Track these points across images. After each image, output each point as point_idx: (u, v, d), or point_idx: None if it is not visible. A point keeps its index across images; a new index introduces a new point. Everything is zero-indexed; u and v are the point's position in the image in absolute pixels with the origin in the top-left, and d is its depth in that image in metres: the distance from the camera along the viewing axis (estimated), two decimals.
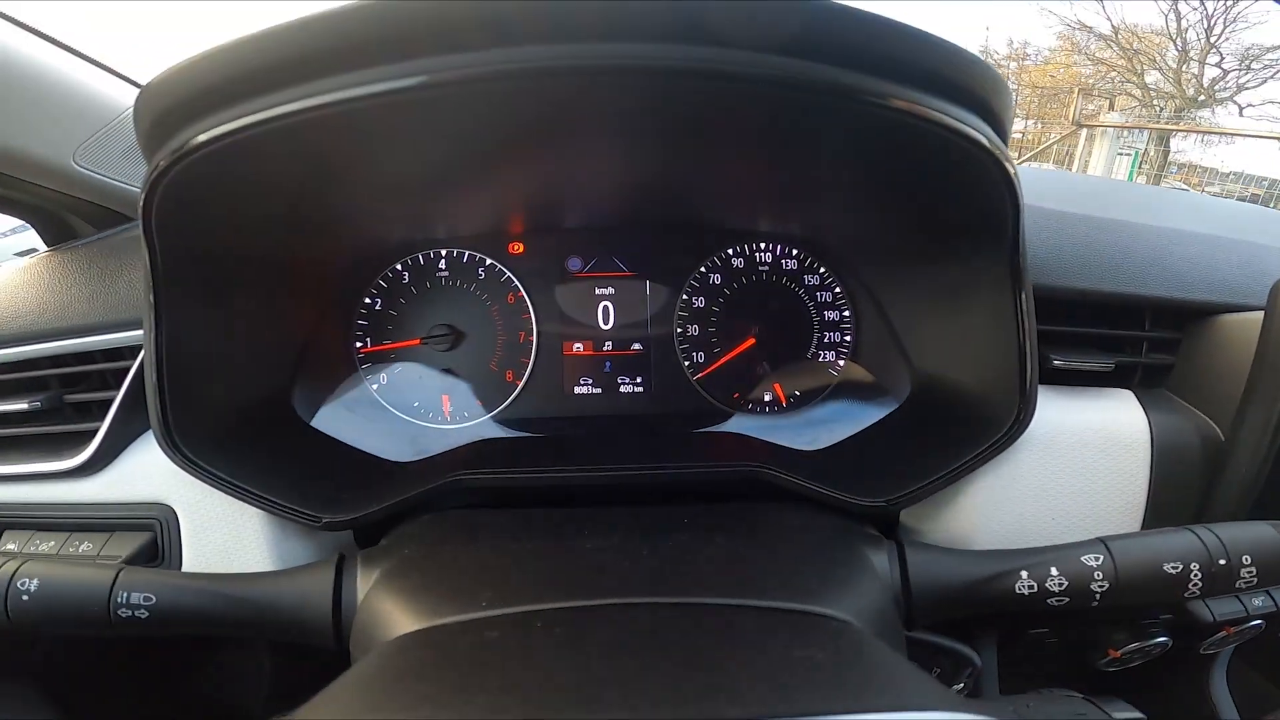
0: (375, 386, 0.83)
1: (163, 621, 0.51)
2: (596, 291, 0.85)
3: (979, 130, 0.49)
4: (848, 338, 0.85)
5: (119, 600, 0.50)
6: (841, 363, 0.85)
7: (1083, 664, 0.83)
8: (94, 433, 0.69)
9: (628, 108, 0.53)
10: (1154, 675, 0.84)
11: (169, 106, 0.46)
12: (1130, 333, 0.75)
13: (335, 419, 0.78)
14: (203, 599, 0.52)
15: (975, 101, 0.49)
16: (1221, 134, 12.71)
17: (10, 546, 0.71)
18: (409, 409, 0.83)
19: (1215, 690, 0.86)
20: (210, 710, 0.91)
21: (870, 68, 0.45)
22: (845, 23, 0.43)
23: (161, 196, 0.50)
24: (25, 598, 0.50)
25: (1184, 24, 13.11)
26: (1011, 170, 0.52)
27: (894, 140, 0.53)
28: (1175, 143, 12.80)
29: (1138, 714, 0.61)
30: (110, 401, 0.69)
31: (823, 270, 0.85)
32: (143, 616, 0.50)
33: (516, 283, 0.84)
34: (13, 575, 0.50)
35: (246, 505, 0.62)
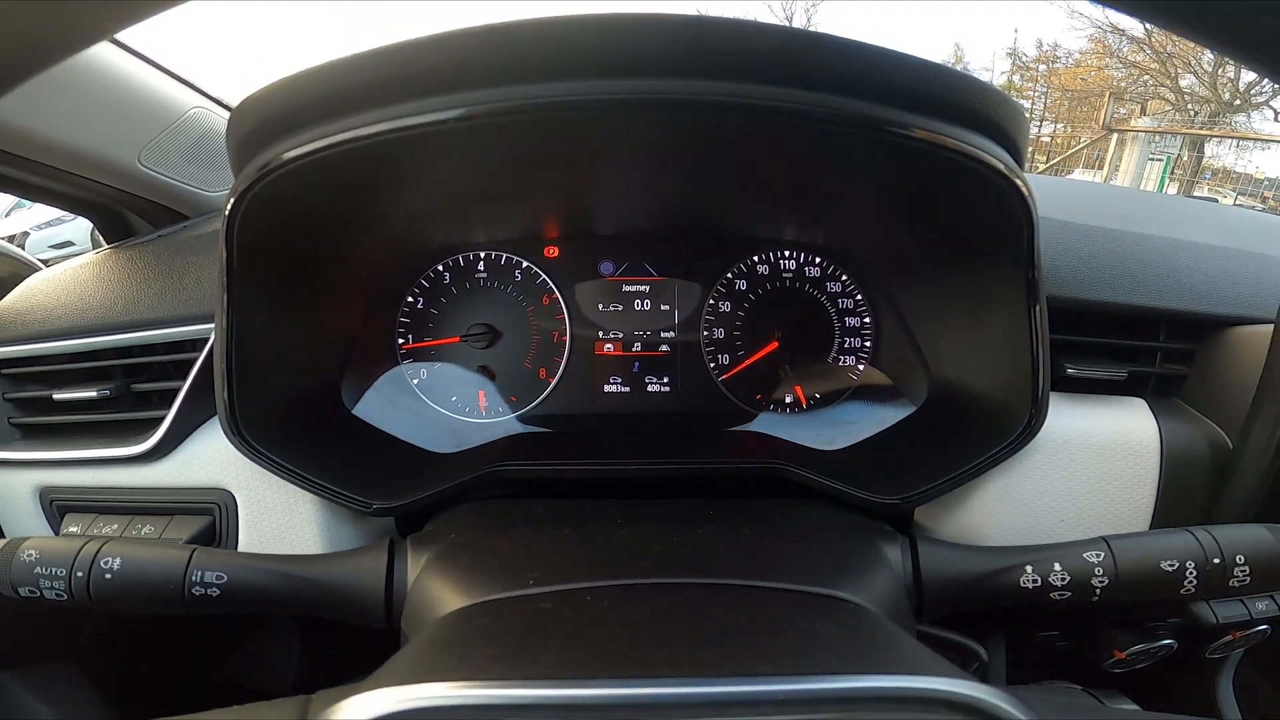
0: (416, 381, 0.87)
1: (232, 600, 0.53)
2: (627, 294, 0.89)
3: (995, 156, 0.52)
4: (868, 344, 0.88)
5: (193, 579, 0.52)
6: (861, 367, 0.88)
7: (1089, 666, 0.85)
8: (159, 420, 0.73)
9: (661, 134, 0.57)
10: (1161, 679, 0.85)
11: (261, 123, 0.51)
12: (1145, 343, 0.77)
13: (379, 411, 0.82)
14: (268, 578, 0.54)
15: (992, 128, 0.52)
16: (1257, 139, 12.46)
17: (73, 529, 0.75)
18: (447, 403, 0.87)
19: (1221, 695, 0.87)
20: (241, 689, 0.95)
21: (893, 100, 0.49)
22: (871, 60, 0.47)
23: (246, 205, 0.54)
24: (109, 576, 0.51)
25: None
26: (1026, 191, 0.55)
27: (914, 164, 0.56)
28: (1209, 148, 12.56)
29: (1132, 705, 0.63)
30: (174, 391, 0.73)
31: (844, 278, 0.88)
32: (215, 595, 0.52)
33: (551, 285, 0.88)
34: (96, 554, 0.52)
35: (300, 491, 0.66)
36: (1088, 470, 0.71)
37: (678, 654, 0.38)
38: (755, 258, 0.89)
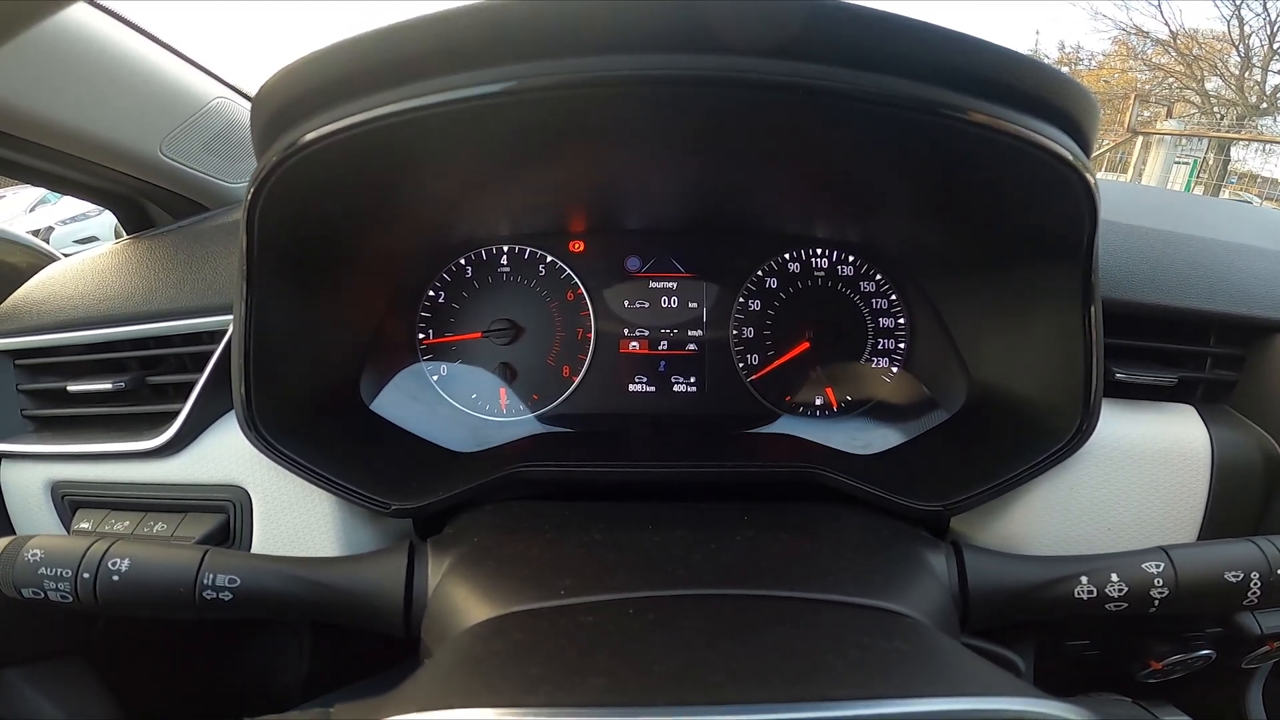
0: (436, 377, 0.86)
1: (245, 604, 0.50)
2: (654, 291, 0.86)
3: (1061, 144, 0.49)
4: (902, 345, 0.85)
5: (205, 582, 0.49)
6: (895, 369, 0.85)
7: (1120, 675, 0.82)
8: (174, 414, 0.71)
9: (699, 119, 0.54)
10: (1189, 688, 0.83)
11: (282, 105, 0.49)
12: (1194, 348, 0.74)
13: (399, 407, 0.80)
14: (282, 582, 0.52)
15: (1059, 116, 0.49)
16: None
17: (85, 526, 0.73)
18: (468, 400, 0.85)
19: (1251, 706, 0.84)
20: (251, 690, 0.94)
21: (949, 82, 0.46)
22: (922, 37, 0.44)
23: (269, 190, 0.52)
24: (116, 578, 0.48)
25: (1247, 29, 12.67)
26: (1093, 183, 0.52)
27: (963, 154, 0.53)
28: (1236, 152, 12.36)
29: (1185, 718, 0.61)
30: (190, 384, 0.71)
31: (879, 278, 0.86)
32: (226, 599, 0.50)
33: (576, 280, 0.86)
34: (104, 555, 0.49)
35: (317, 490, 0.64)
36: (1135, 478, 0.68)
37: (740, 676, 0.36)
38: (786, 255, 0.86)
